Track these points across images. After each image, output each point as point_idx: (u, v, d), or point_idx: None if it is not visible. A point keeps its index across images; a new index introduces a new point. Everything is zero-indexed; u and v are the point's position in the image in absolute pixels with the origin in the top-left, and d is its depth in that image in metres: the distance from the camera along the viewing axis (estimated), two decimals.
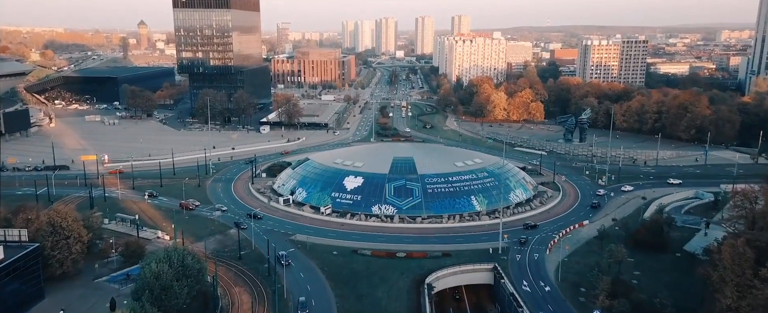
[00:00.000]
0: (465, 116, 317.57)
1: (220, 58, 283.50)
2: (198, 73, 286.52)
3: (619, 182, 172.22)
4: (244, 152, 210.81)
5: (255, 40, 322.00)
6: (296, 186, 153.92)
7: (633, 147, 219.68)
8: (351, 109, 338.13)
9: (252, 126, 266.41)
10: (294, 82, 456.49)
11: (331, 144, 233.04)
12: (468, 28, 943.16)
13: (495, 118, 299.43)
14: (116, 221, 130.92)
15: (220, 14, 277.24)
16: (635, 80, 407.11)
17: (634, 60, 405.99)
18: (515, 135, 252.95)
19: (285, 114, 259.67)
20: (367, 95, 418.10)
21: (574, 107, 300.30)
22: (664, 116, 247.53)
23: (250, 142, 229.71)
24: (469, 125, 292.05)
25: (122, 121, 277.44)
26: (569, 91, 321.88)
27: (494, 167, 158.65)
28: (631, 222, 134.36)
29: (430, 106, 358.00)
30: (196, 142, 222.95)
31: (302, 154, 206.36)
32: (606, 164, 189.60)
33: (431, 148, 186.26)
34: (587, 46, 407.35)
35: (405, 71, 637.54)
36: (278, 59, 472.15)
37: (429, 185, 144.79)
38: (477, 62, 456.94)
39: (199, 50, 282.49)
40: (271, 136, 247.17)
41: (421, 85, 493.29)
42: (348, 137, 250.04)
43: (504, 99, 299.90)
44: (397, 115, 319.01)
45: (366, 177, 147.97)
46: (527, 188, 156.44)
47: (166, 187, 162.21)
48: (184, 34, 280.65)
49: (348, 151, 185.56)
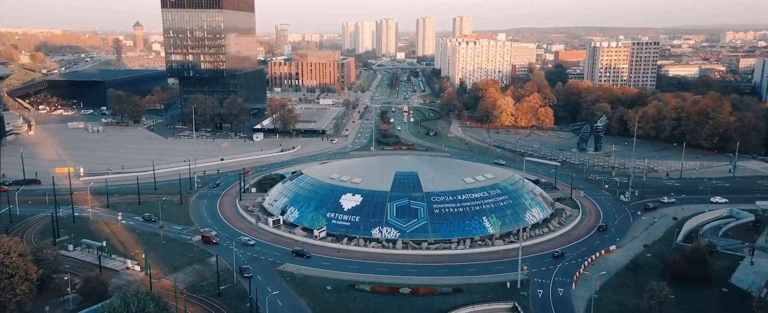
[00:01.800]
0: (470, 122, 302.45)
1: (212, 61, 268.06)
2: (188, 77, 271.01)
3: (644, 197, 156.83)
4: (234, 163, 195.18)
5: (250, 42, 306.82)
6: (287, 204, 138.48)
7: (654, 157, 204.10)
8: (350, 114, 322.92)
9: (245, 133, 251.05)
10: (291, 85, 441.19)
11: (329, 153, 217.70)
12: (469, 29, 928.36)
13: (502, 124, 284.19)
14: (81, 247, 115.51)
15: (212, 15, 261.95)
16: (646, 83, 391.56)
17: (644, 62, 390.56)
18: (524, 143, 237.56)
19: (279, 121, 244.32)
20: (367, 99, 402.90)
21: (585, 113, 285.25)
22: (683, 123, 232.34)
23: (242, 152, 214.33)
24: (475, 132, 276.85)
25: (107, 128, 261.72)
26: (579, 95, 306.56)
27: (507, 183, 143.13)
28: (665, 249, 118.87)
29: (432, 111, 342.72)
30: (183, 152, 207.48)
31: (296, 166, 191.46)
32: (626, 176, 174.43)
33: (437, 162, 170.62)
34: (595, 48, 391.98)
35: (406, 73, 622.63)
36: (275, 62, 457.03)
37: (435, 205, 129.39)
38: (481, 64, 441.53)
39: (189, 53, 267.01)
40: (264, 144, 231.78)
41: (423, 89, 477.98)
42: (346, 146, 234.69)
43: (511, 104, 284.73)
44: (399, 121, 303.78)
45: (365, 195, 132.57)
46: (544, 206, 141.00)
47: (144, 204, 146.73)
48: (174, 36, 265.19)
49: (345, 164, 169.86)
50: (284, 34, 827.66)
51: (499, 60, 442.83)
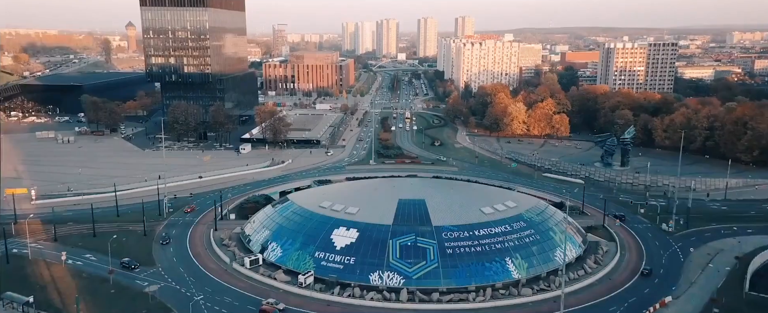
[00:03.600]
0: (478, 129, 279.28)
1: (197, 65, 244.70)
2: (170, 81, 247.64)
3: (690, 225, 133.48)
4: (214, 183, 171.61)
5: (239, 43, 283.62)
6: (269, 239, 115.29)
7: (691, 174, 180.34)
8: (348, 120, 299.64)
9: (232, 144, 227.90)
10: (286, 89, 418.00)
11: (323, 168, 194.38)
12: (472, 29, 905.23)
13: (513, 132, 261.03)
14: (3, 303, 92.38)
15: (196, 14, 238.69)
16: (663, 87, 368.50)
17: (661, 65, 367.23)
18: (540, 155, 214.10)
19: (269, 131, 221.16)
20: (367, 103, 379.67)
21: (603, 120, 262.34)
22: (716, 133, 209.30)
23: (225, 166, 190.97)
24: (484, 141, 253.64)
25: (80, 137, 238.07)
26: (596, 101, 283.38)
27: (532, 213, 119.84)
28: (734, 301, 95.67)
29: (437, 117, 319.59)
30: (159, 168, 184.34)
31: (284, 185, 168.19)
32: (664, 197, 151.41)
33: (447, 186, 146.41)
34: (610, 49, 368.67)
35: (407, 75, 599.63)
36: (270, 64, 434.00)
37: (448, 242, 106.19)
38: (487, 66, 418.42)
39: (171, 55, 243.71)
40: (252, 156, 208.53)
41: (426, 92, 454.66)
42: (343, 159, 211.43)
43: (523, 111, 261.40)
44: (401, 129, 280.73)
45: (362, 229, 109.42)
46: (576, 241, 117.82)
47: (100, 237, 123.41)
48: (154, 37, 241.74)
49: (339, 189, 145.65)
50: (282, 34, 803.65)
51: (506, 62, 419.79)
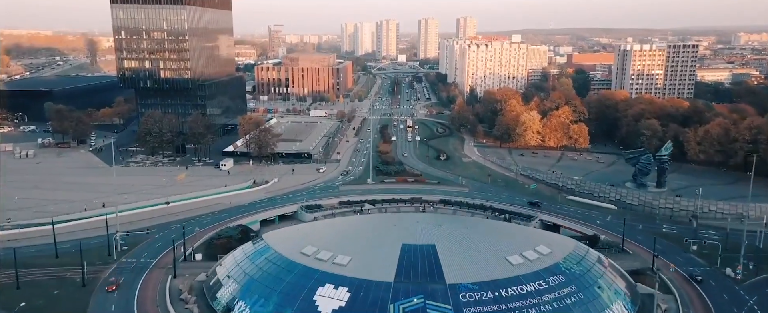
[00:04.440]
0: (486, 139, 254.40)
1: (175, 69, 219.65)
2: (145, 88, 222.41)
3: (761, 270, 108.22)
4: (184, 208, 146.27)
5: (224, 46, 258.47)
6: (236, 297, 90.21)
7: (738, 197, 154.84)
8: (344, 129, 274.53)
9: (213, 158, 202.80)
10: (280, 93, 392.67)
11: (313, 189, 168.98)
12: (474, 30, 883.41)
13: (526, 143, 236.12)
14: None
15: (173, 12, 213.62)
16: (683, 92, 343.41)
17: (681, 68, 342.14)
18: (560, 172, 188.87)
19: (254, 144, 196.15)
20: (365, 109, 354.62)
21: (625, 130, 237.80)
22: (761, 147, 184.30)
23: (200, 186, 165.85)
24: (494, 153, 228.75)
25: (42, 150, 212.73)
26: (616, 108, 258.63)
27: (571, 262, 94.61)
28: None
29: (440, 125, 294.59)
30: (125, 189, 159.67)
31: (266, 212, 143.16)
32: (721, 230, 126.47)
33: (461, 224, 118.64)
34: (626, 51, 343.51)
35: (408, 78, 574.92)
36: (262, 67, 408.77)
37: (468, 308, 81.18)
38: (493, 70, 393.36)
39: (146, 58, 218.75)
40: (233, 174, 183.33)
41: (428, 96, 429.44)
42: (337, 177, 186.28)
43: (537, 120, 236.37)
44: (402, 139, 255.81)
45: (355, 288, 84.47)
46: (626, 297, 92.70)
47: (26, 288, 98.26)
48: (126, 38, 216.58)
49: (327, 228, 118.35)
50: (278, 35, 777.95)
51: (513, 65, 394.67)
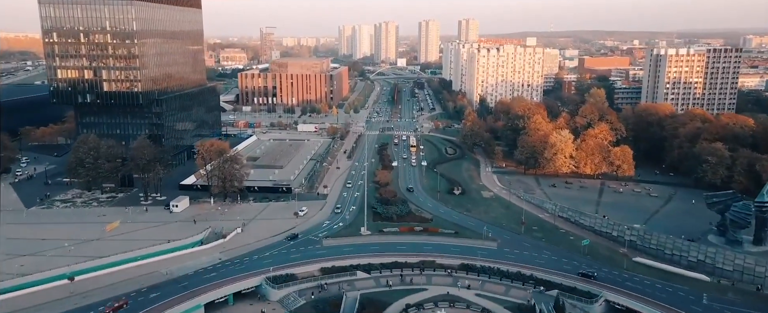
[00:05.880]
0: (506, 163, 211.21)
1: (121, 80, 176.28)
2: (85, 103, 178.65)
3: None
4: (94, 286, 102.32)
5: (191, 51, 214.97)
6: None
7: None
8: (335, 150, 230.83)
9: (166, 193, 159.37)
10: (265, 104, 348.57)
11: (286, 246, 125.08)
12: (476, 33, 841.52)
13: (556, 170, 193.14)
14: None
15: (118, 10, 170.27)
16: (724, 103, 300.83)
17: (722, 75, 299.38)
18: (608, 213, 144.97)
19: (216, 177, 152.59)
20: (361, 122, 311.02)
21: (677, 153, 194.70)
22: None
23: (135, 240, 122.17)
24: (519, 182, 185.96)
25: None
26: (661, 125, 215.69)
27: None
28: None
29: (449, 143, 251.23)
30: (30, 245, 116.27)
31: (213, 290, 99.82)
32: None
33: None
34: (659, 56, 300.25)
35: (409, 84, 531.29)
36: (247, 73, 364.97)
37: None
38: (506, 77, 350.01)
39: (85, 67, 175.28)
40: (181, 223, 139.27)
41: (432, 106, 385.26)
42: (321, 222, 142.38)
43: (570, 142, 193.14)
44: (404, 162, 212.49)
45: None
46: None
47: None
48: (60, 42, 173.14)
49: None
50: (269, 37, 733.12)
51: (528, 71, 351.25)
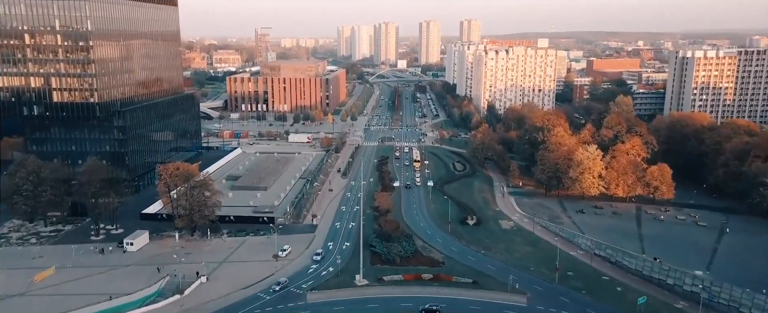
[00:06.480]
0: (523, 181, 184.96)
1: (74, 89, 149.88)
2: (32, 116, 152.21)
3: None
4: None
5: (164, 54, 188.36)
6: None
7: None
8: (329, 165, 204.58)
9: (125, 224, 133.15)
10: (255, 110, 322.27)
11: (261, 302, 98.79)
12: (478, 34, 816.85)
13: (583, 191, 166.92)
14: None
15: (69, 6, 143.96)
16: (756, 110, 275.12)
17: (754, 79, 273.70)
18: (656, 253, 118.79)
19: (182, 208, 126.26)
20: (359, 131, 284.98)
21: (722, 172, 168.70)
22: None
23: (68, 294, 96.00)
24: (541, 206, 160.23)
25: None
26: (699, 138, 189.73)
27: None
28: None
29: (457, 156, 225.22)
30: None
31: None
32: None
33: None
34: (686, 59, 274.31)
35: (410, 88, 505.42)
36: (235, 78, 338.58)
37: None
38: (516, 81, 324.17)
39: (30, 73, 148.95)
40: (134, 268, 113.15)
41: (436, 112, 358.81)
42: (307, 267, 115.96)
43: (599, 159, 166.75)
44: (408, 180, 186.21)
45: None
46: None
47: None
48: (1, 44, 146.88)
49: None
50: (264, 39, 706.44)
51: (539, 75, 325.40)
